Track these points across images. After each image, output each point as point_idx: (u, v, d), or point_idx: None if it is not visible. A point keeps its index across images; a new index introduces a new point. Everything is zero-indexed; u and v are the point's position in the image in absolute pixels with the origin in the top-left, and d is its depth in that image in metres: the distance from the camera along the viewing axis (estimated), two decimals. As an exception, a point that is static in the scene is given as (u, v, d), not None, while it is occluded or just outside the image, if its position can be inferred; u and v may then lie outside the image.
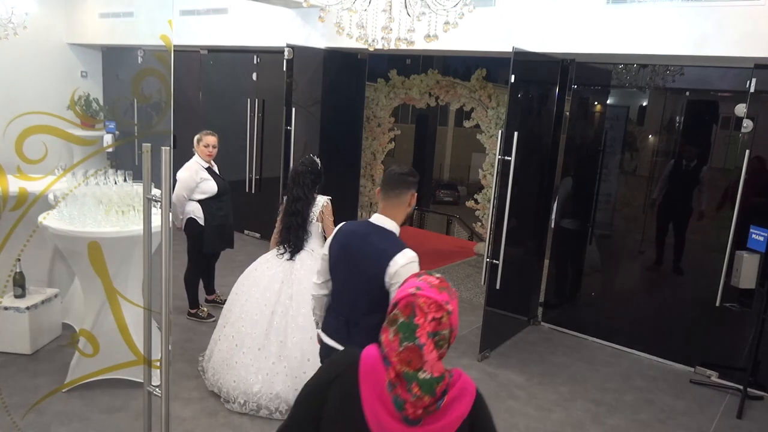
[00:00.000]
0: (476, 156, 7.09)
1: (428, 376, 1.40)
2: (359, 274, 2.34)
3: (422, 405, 1.40)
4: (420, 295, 1.44)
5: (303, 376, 3.56)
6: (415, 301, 1.43)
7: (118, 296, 3.03)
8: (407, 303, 1.44)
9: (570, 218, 5.31)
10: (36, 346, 4.15)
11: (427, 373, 1.40)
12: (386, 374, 1.44)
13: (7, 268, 3.61)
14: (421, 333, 1.41)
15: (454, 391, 1.46)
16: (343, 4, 3.40)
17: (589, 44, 4.48)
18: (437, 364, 1.42)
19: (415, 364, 1.40)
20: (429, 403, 1.41)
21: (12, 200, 2.59)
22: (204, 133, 4.72)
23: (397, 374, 1.41)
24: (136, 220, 3.47)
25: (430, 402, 1.41)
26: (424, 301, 1.43)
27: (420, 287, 1.46)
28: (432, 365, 1.40)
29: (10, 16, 4.61)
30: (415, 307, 1.43)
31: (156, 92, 2.61)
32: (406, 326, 1.42)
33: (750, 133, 4.12)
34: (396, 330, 1.43)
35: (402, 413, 1.41)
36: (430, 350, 1.40)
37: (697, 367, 4.60)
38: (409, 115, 12.10)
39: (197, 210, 4.65)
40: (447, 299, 1.45)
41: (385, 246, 2.30)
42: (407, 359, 1.40)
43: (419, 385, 1.39)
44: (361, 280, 2.33)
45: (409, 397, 1.40)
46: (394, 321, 1.44)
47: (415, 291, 1.45)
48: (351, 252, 2.38)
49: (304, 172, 3.81)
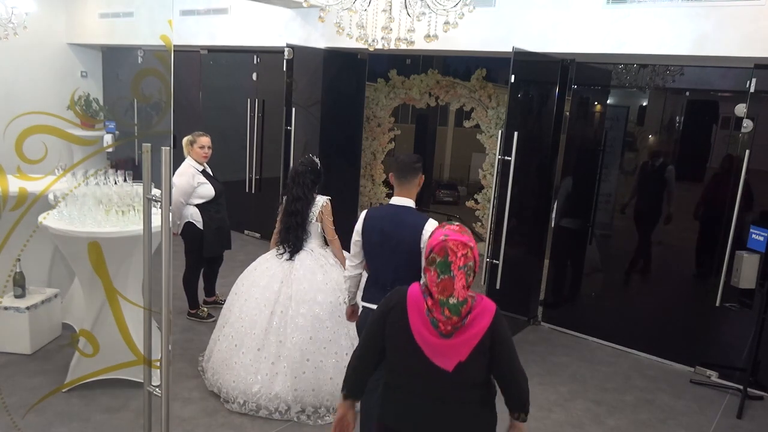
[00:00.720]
0: (476, 156, 7.08)
1: (455, 301, 1.91)
2: (397, 247, 2.84)
3: (451, 323, 1.92)
4: (449, 239, 1.92)
5: (302, 376, 3.56)
6: (446, 244, 1.92)
7: (118, 296, 3.03)
8: (441, 247, 1.92)
9: (570, 218, 5.32)
10: (36, 346, 4.15)
11: (455, 298, 1.91)
12: (425, 303, 1.95)
13: (7, 268, 3.61)
14: (454, 267, 1.91)
15: (476, 311, 1.95)
16: (343, 4, 3.40)
17: (589, 44, 4.48)
18: (462, 291, 1.91)
19: (447, 292, 1.91)
20: (456, 322, 1.92)
21: (12, 200, 2.59)
22: (196, 135, 4.63)
23: (434, 301, 1.93)
24: (136, 220, 3.47)
25: (457, 321, 1.92)
26: (453, 243, 1.92)
27: (447, 234, 1.94)
28: (458, 292, 1.91)
29: (10, 16, 4.60)
30: (447, 249, 1.91)
31: (156, 92, 2.61)
32: (442, 264, 1.91)
33: (750, 133, 4.12)
34: (435, 267, 1.92)
35: (437, 330, 1.93)
36: (461, 279, 1.91)
37: (697, 367, 4.60)
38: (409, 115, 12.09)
39: (195, 214, 4.60)
40: (468, 239, 1.95)
41: (414, 219, 2.85)
42: (443, 288, 1.91)
43: (449, 308, 1.91)
44: (400, 250, 2.83)
45: (441, 317, 1.92)
46: (433, 261, 1.93)
47: (445, 237, 1.94)
48: (387, 232, 2.87)
49: (304, 172, 3.81)
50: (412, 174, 2.91)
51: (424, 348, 1.95)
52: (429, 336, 1.94)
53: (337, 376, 3.60)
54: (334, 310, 3.67)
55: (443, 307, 1.91)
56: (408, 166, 2.90)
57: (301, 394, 3.56)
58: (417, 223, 2.82)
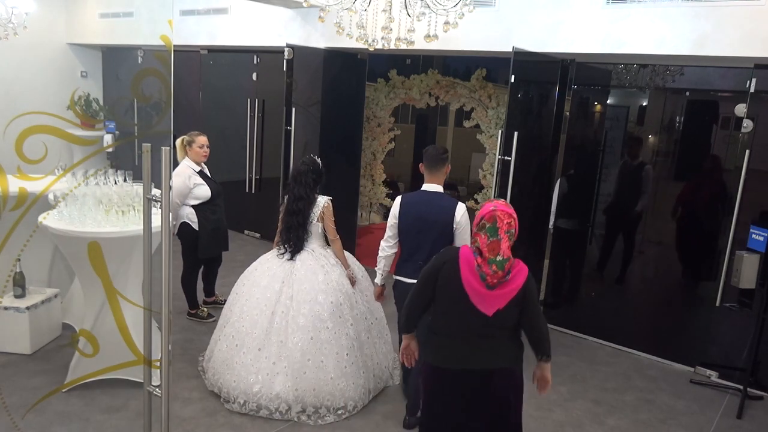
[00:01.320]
0: (476, 156, 7.08)
1: (501, 258, 2.42)
2: (432, 226, 3.32)
3: (497, 277, 2.43)
4: (498, 210, 2.45)
5: (303, 376, 3.56)
6: (495, 213, 2.45)
7: (118, 296, 3.03)
8: (491, 215, 2.45)
9: (570, 218, 5.32)
10: (36, 346, 4.15)
11: (501, 256, 2.42)
12: (475, 260, 2.47)
13: (7, 268, 3.61)
14: (501, 232, 2.43)
15: (515, 271, 2.49)
16: (343, 4, 3.40)
17: (589, 44, 4.48)
18: (507, 250, 2.43)
19: (495, 251, 2.42)
20: (501, 276, 2.44)
21: (12, 200, 2.59)
22: (193, 134, 4.58)
23: (484, 259, 2.44)
24: (136, 220, 3.47)
25: (502, 275, 2.44)
26: (501, 212, 2.45)
27: (496, 206, 2.47)
28: (504, 251, 2.42)
29: (10, 16, 4.61)
30: (496, 217, 2.44)
31: (156, 92, 2.61)
32: (492, 229, 2.44)
33: (750, 133, 4.12)
34: (485, 231, 2.45)
35: (484, 282, 2.45)
36: (506, 241, 2.43)
37: (697, 367, 4.60)
38: (409, 115, 12.07)
39: (191, 214, 4.57)
40: (512, 211, 2.48)
41: (446, 203, 3.37)
42: (492, 248, 2.43)
43: (496, 264, 2.42)
44: (435, 230, 3.32)
45: (489, 272, 2.43)
46: (483, 227, 2.46)
47: (494, 208, 2.46)
48: (422, 214, 3.35)
49: (305, 172, 3.81)
50: (440, 163, 3.41)
51: (471, 295, 2.48)
52: (477, 286, 2.46)
53: (337, 376, 3.60)
54: (335, 310, 3.67)
55: (491, 264, 2.42)
56: (436, 157, 3.40)
57: (302, 394, 3.56)
58: (449, 206, 3.33)
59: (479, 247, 2.46)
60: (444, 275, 2.54)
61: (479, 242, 2.46)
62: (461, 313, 2.51)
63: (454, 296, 2.50)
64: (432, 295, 2.59)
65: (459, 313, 2.53)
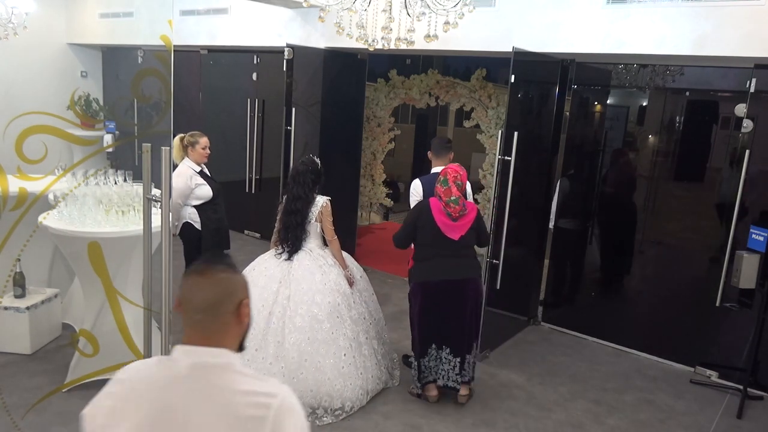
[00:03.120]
0: (476, 156, 7.08)
1: (455, 198, 3.58)
2: None
3: (456, 211, 3.59)
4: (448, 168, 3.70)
5: (300, 377, 3.55)
6: (446, 170, 3.67)
7: (118, 296, 3.03)
8: (444, 172, 3.66)
9: (570, 218, 5.32)
10: (36, 346, 4.15)
11: (454, 197, 3.57)
12: (440, 203, 3.61)
13: (7, 268, 3.61)
14: (450, 182, 3.60)
15: (469, 208, 3.66)
16: (343, 4, 3.40)
17: (589, 44, 4.48)
18: (456, 193, 3.58)
19: (449, 195, 3.58)
20: (459, 210, 3.59)
21: (12, 200, 2.59)
22: (196, 135, 4.55)
23: (445, 203, 3.59)
24: (136, 220, 3.47)
25: (460, 209, 3.59)
26: (449, 170, 3.67)
27: (447, 167, 3.73)
28: (454, 193, 3.58)
29: (10, 16, 4.60)
30: (447, 173, 3.64)
31: (156, 92, 2.61)
32: (444, 181, 3.61)
33: (750, 133, 4.12)
34: (441, 183, 3.62)
35: (449, 216, 3.60)
36: (454, 187, 3.59)
37: (697, 367, 4.60)
38: (409, 115, 12.06)
39: (194, 214, 4.57)
40: (459, 169, 3.70)
41: None
42: (446, 193, 3.59)
43: (453, 202, 3.57)
44: None
45: (450, 209, 3.58)
46: (439, 180, 3.64)
47: (445, 167, 3.74)
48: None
49: (305, 172, 3.81)
50: (444, 151, 4.31)
51: (441, 227, 3.60)
52: (445, 219, 3.60)
53: (335, 376, 3.60)
54: (333, 310, 3.67)
55: (449, 203, 3.57)
56: (441, 146, 4.33)
57: (299, 395, 3.52)
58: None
59: (438, 194, 3.62)
60: (422, 218, 3.65)
61: (438, 191, 3.64)
62: (436, 241, 3.62)
63: (430, 230, 3.62)
64: (414, 233, 3.70)
65: (435, 241, 3.63)
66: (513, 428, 3.70)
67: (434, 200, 3.63)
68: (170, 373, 1.33)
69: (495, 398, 4.01)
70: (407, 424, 3.65)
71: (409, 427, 3.62)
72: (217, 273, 1.36)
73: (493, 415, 3.81)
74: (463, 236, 3.61)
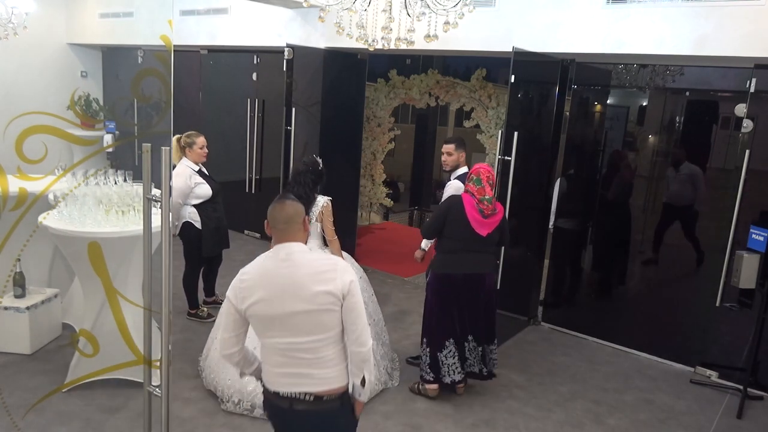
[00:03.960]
0: (476, 156, 7.09)
1: (488, 197, 3.71)
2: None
3: (489, 209, 3.71)
4: (481, 168, 3.79)
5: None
6: (479, 170, 3.77)
7: (118, 296, 3.03)
8: (477, 171, 3.77)
9: (570, 218, 5.31)
10: (36, 346, 4.15)
11: (487, 196, 3.71)
12: (473, 200, 3.72)
13: (7, 268, 3.61)
14: (483, 181, 3.72)
15: (498, 208, 3.80)
16: (343, 4, 3.40)
17: (589, 44, 4.48)
18: (490, 191, 3.73)
19: (482, 194, 3.71)
20: (491, 209, 3.72)
21: (12, 200, 2.59)
22: (193, 135, 4.57)
23: (478, 200, 3.70)
24: (136, 220, 3.47)
25: (492, 208, 3.73)
26: (483, 170, 3.77)
27: (480, 167, 3.80)
28: (488, 193, 3.72)
29: (10, 16, 4.60)
30: (481, 171, 3.76)
31: (156, 92, 2.61)
32: (477, 180, 3.73)
33: (750, 133, 4.12)
34: (473, 182, 3.74)
35: (481, 213, 3.70)
36: (489, 187, 3.73)
37: (697, 367, 4.60)
38: (409, 115, 12.07)
39: (194, 214, 4.59)
40: (491, 169, 3.82)
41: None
42: (480, 192, 3.72)
43: (487, 201, 3.71)
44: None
45: (483, 206, 3.70)
46: (472, 179, 3.76)
47: (479, 167, 3.80)
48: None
49: (305, 172, 3.81)
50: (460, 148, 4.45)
51: (472, 223, 3.71)
52: (477, 216, 3.70)
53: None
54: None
55: (483, 201, 3.70)
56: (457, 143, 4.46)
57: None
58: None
59: (472, 192, 3.75)
60: (452, 212, 3.76)
61: (471, 189, 3.76)
62: (465, 235, 3.73)
63: (461, 224, 3.72)
64: (442, 226, 3.78)
65: (463, 235, 3.74)
66: (513, 428, 3.70)
67: (467, 196, 3.73)
68: (276, 259, 2.24)
69: (495, 398, 4.01)
70: (407, 424, 3.65)
71: (409, 427, 3.62)
72: (289, 201, 2.33)
73: (493, 415, 3.81)
74: (490, 234, 3.74)
